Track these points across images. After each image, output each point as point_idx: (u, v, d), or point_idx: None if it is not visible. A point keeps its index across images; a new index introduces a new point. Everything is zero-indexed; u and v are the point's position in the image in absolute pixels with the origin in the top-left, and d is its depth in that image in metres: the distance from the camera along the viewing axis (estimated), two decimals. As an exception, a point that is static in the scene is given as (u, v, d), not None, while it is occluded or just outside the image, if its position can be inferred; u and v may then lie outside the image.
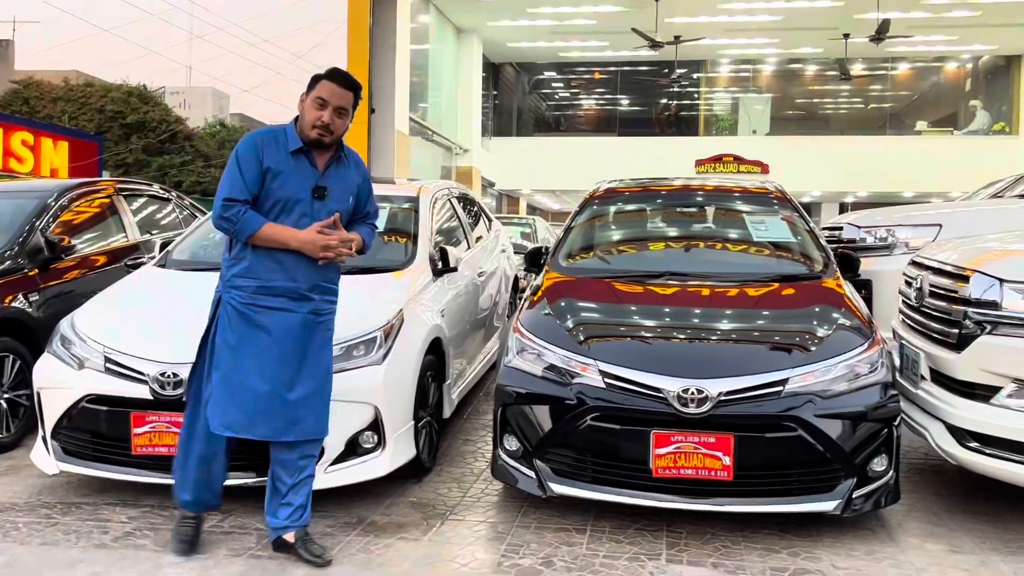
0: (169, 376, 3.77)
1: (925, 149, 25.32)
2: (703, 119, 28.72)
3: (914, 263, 4.56)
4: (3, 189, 6.99)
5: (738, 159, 24.16)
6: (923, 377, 4.08)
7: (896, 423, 3.64)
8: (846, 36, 22.71)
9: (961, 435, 3.69)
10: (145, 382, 3.80)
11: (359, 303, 4.24)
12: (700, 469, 3.45)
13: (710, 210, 5.49)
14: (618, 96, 29.38)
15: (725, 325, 4.02)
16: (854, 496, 3.53)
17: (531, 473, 3.73)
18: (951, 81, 28.23)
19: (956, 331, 3.79)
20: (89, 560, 3.36)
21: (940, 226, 6.14)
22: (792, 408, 3.48)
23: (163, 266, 5.02)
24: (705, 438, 3.45)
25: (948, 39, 24.07)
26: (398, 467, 4.01)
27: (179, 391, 3.74)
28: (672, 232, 5.36)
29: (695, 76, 28.04)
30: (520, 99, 29.66)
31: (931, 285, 4.14)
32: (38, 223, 5.66)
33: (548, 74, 29.59)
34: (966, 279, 3.80)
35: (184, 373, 3.75)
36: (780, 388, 3.52)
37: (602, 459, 3.62)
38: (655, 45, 21.29)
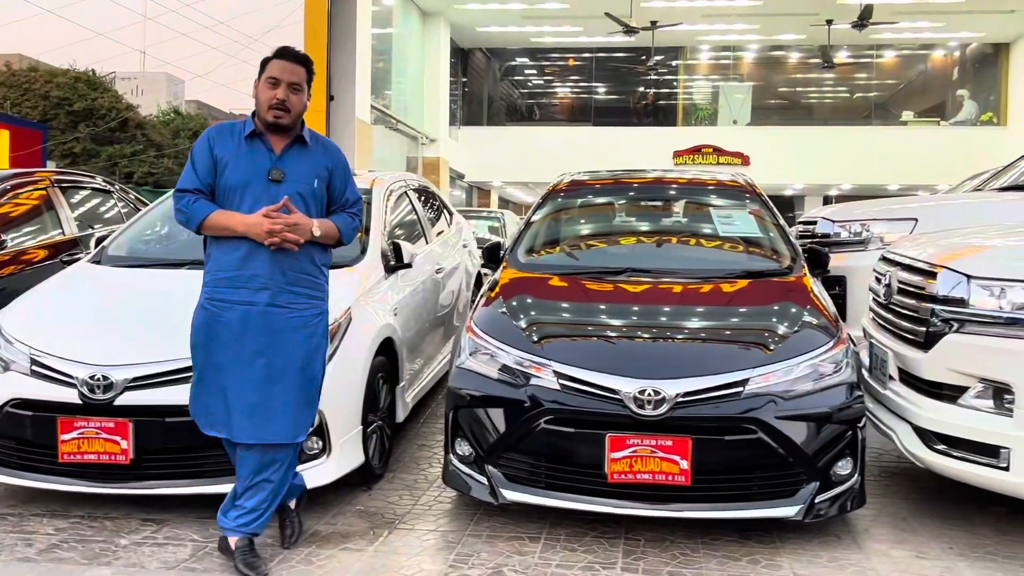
0: (99, 379, 3.72)
1: (911, 140, 25.52)
2: (682, 108, 28.80)
3: (883, 259, 4.60)
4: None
5: (718, 150, 24.34)
6: (891, 377, 4.12)
7: (861, 424, 3.67)
8: (829, 22, 22.88)
9: (928, 437, 3.73)
10: (74, 386, 3.75)
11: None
12: (657, 474, 3.46)
13: (677, 204, 5.52)
14: (593, 84, 29.43)
15: (685, 324, 4.04)
16: (817, 501, 3.56)
17: (483, 479, 3.72)
18: (938, 70, 28.52)
19: (923, 329, 3.83)
20: (13, 575, 3.31)
21: (916, 220, 6.18)
22: (752, 409, 3.50)
23: (98, 262, 4.96)
24: (662, 441, 3.46)
25: (934, 26, 24.30)
26: (345, 474, 4.00)
27: (109, 395, 3.71)
28: (636, 227, 5.38)
29: (673, 63, 28.13)
30: (491, 86, 29.60)
31: (900, 282, 4.17)
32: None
33: (520, 60, 29.57)
34: (934, 275, 3.84)
35: (116, 376, 3.72)
36: (740, 389, 3.53)
37: (557, 464, 3.63)
38: (630, 31, 21.34)
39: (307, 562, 3.46)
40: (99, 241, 5.23)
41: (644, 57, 26.77)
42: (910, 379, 3.93)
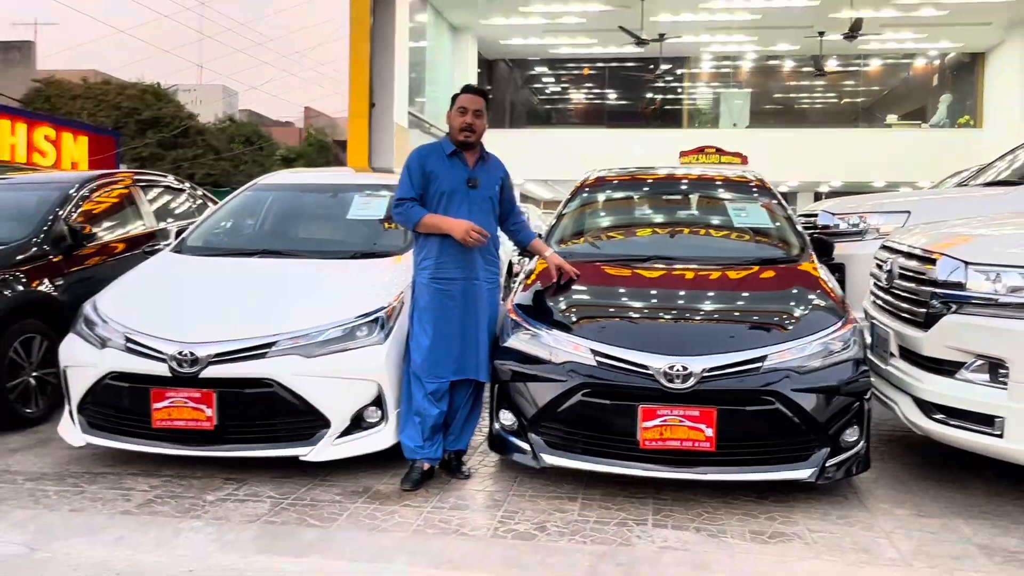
0: (186, 355, 3.77)
1: (895, 141, 25.21)
2: (686, 112, 28.59)
3: (885, 247, 4.57)
4: (28, 181, 6.98)
5: (719, 151, 24.06)
6: (892, 354, 4.10)
7: (867, 396, 3.66)
8: (821, 34, 22.65)
9: (928, 407, 3.72)
10: (164, 360, 3.80)
11: (363, 286, 4.26)
12: (684, 440, 3.47)
13: (694, 198, 5.49)
14: (606, 90, 29.28)
15: (708, 306, 4.03)
16: (828, 465, 3.56)
17: (525, 446, 3.74)
18: (919, 77, 28.16)
19: (923, 311, 3.80)
20: (114, 526, 3.37)
21: (909, 213, 6.14)
22: (770, 383, 3.50)
23: (179, 252, 5.02)
24: (689, 411, 3.47)
25: (917, 37, 23.98)
26: (398, 441, 4.03)
27: (195, 368, 3.76)
28: (658, 218, 5.35)
29: (679, 72, 27.91)
30: (513, 93, 29.50)
31: (900, 268, 4.15)
32: (61, 212, 5.64)
33: (539, 69, 29.45)
34: (933, 262, 3.81)
35: (200, 352, 3.77)
36: (759, 364, 3.53)
37: (592, 432, 3.63)
38: (641, 42, 21.23)
39: (372, 517, 3.49)
40: (179, 233, 5.29)
41: (652, 66, 26.65)
42: (911, 355, 3.91)
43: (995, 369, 3.47)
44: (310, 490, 3.80)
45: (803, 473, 3.53)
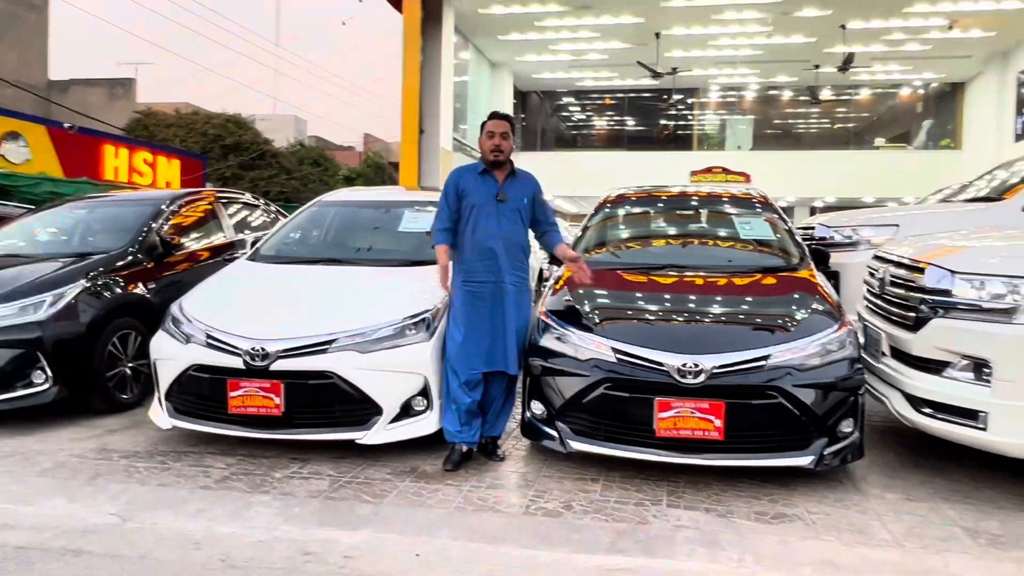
0: (258, 350, 3.76)
1: (882, 161, 24.73)
2: (696, 137, 28.23)
3: (876, 257, 4.44)
4: (127, 198, 7.06)
5: (725, 170, 23.72)
6: (884, 353, 3.96)
7: (861, 392, 3.55)
8: (816, 67, 22.26)
9: (916, 402, 3.59)
10: (239, 355, 3.80)
11: (411, 291, 4.22)
12: (696, 430, 3.39)
13: (704, 212, 5.38)
14: (625, 118, 29.06)
15: (717, 309, 3.93)
16: (825, 453, 3.45)
17: (554, 433, 3.68)
18: (905, 104, 27.53)
19: (913, 315, 3.67)
20: (195, 499, 3.37)
21: (898, 226, 5.96)
22: (774, 379, 3.40)
23: (253, 260, 5.03)
24: (700, 404, 3.38)
25: (903, 69, 23.47)
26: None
27: (266, 362, 3.75)
28: (672, 231, 5.25)
29: (689, 101, 27.57)
30: (543, 120, 29.40)
31: (891, 276, 4.02)
32: (154, 225, 5.69)
33: (567, 100, 29.31)
34: (921, 270, 3.69)
35: (270, 348, 3.76)
36: (763, 362, 3.43)
37: (613, 421, 3.55)
38: (656, 75, 21.02)
39: (418, 494, 3.45)
40: (253, 243, 5.30)
41: (666, 96, 26.39)
42: (901, 355, 3.78)
43: (979, 368, 3.34)
44: (364, 469, 3.77)
45: (803, 460, 3.42)
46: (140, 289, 5.24)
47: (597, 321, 3.79)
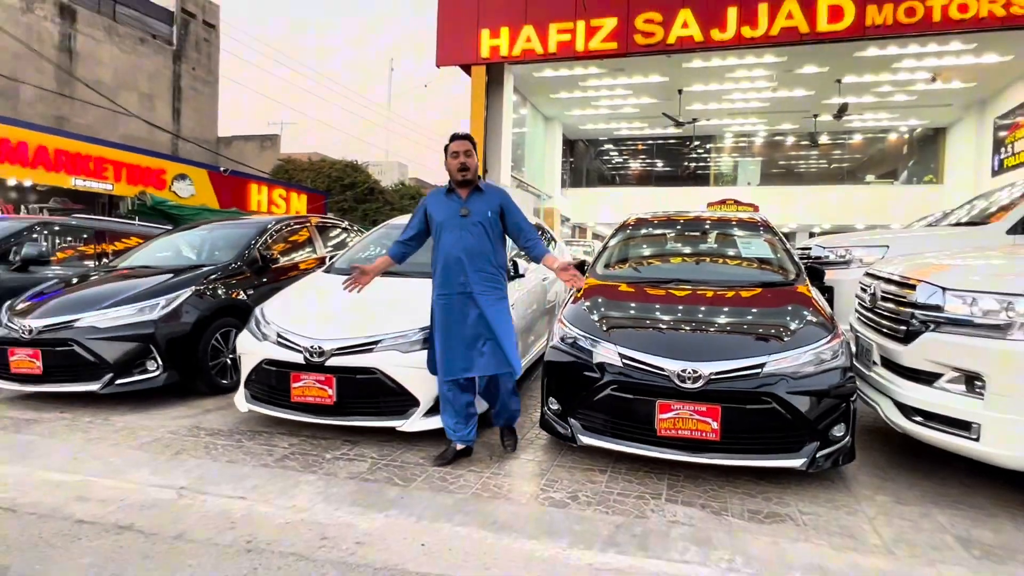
0: (316, 348, 3.47)
1: (872, 195, 23.20)
2: (713, 175, 27.02)
3: (868, 274, 3.83)
4: (244, 221, 6.96)
5: (737, 202, 22.47)
6: (875, 363, 3.37)
7: (853, 399, 2.97)
8: (815, 115, 20.97)
9: (907, 410, 3.00)
10: (300, 352, 3.51)
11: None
12: (694, 431, 2.89)
13: (712, 234, 4.83)
14: (654, 160, 28.09)
15: (717, 319, 3.41)
16: (817, 456, 2.89)
17: (566, 427, 3.24)
18: (892, 146, 25.71)
19: (904, 328, 3.09)
20: (254, 476, 3.08)
21: (887, 247, 5.28)
22: (768, 385, 2.88)
23: (328, 272, 4.76)
24: (698, 407, 2.88)
25: (891, 116, 21.87)
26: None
27: (322, 358, 3.45)
28: (681, 250, 4.72)
29: (707, 146, 26.48)
30: (587, 163, 28.72)
31: (882, 291, 3.42)
32: (257, 243, 5.53)
33: (606, 146, 28.58)
34: (912, 287, 3.09)
35: (326, 346, 3.46)
36: (759, 370, 2.91)
37: (619, 419, 3.09)
38: (679, 124, 20.20)
39: (443, 479, 3.07)
40: (331, 258, 5.05)
41: (687, 142, 25.45)
42: (891, 365, 3.19)
43: (971, 381, 2.74)
44: (403, 453, 3.41)
45: (795, 462, 2.88)
46: (241, 295, 5.05)
47: (607, 328, 3.33)
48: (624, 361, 3.08)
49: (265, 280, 5.37)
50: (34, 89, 18.79)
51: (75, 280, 5.02)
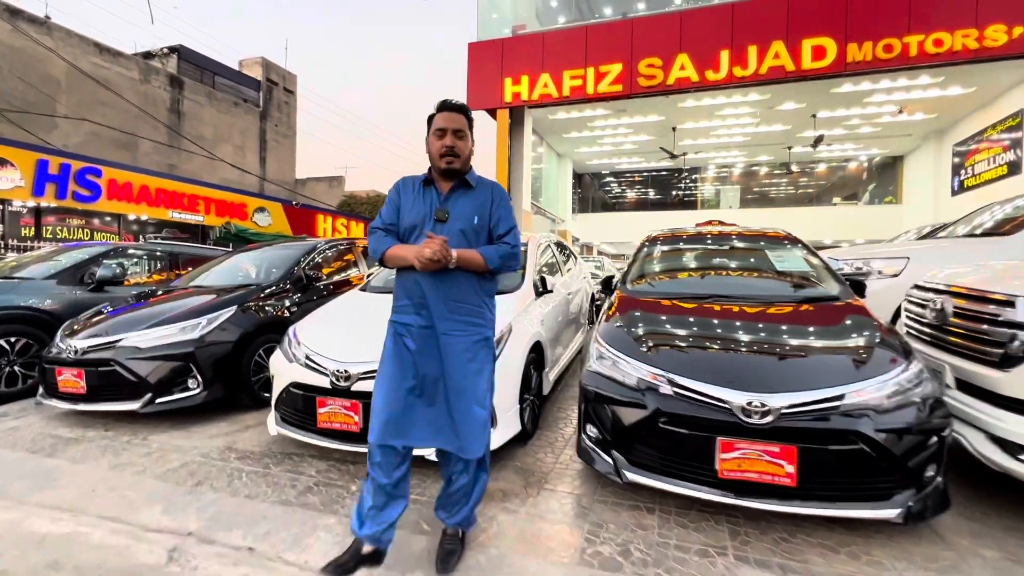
0: (342, 372, 2.66)
1: (839, 214, 21.79)
2: (699, 200, 25.87)
3: (921, 287, 2.89)
4: (294, 244, 6.26)
5: (721, 222, 21.30)
6: (948, 386, 2.44)
7: (946, 434, 2.05)
8: (789, 148, 19.78)
9: (1012, 448, 2.06)
10: (326, 375, 2.71)
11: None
12: (764, 474, 2.00)
13: (738, 248, 3.92)
14: (649, 189, 27.04)
15: (776, 340, 2.48)
16: (912, 504, 1.98)
17: (609, 459, 2.36)
18: (854, 172, 24.24)
19: (1000, 351, 2.16)
20: (270, 517, 2.28)
21: (908, 259, 4.30)
22: (851, 421, 1.98)
23: (363, 291, 3.98)
24: (770, 448, 1.99)
25: (856, 146, 20.53)
26: (507, 440, 2.76)
27: (348, 383, 2.64)
28: (711, 264, 3.81)
29: (694, 176, 25.37)
30: (593, 192, 27.72)
31: (955, 307, 2.48)
32: (302, 263, 4.79)
33: (609, 178, 27.60)
34: (1010, 303, 2.16)
35: (352, 370, 2.65)
36: (838, 403, 2.01)
37: (671, 456, 2.21)
38: (672, 157, 19.20)
39: (476, 525, 2.22)
40: (368, 276, 4.27)
41: (678, 172, 24.35)
42: (980, 392, 2.25)
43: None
44: (431, 485, 2.57)
45: (889, 513, 1.96)
46: (285, 312, 4.29)
47: (649, 348, 2.45)
48: (675, 390, 2.20)
49: (311, 298, 4.62)
50: (151, 143, 19.13)
51: (131, 300, 4.33)
